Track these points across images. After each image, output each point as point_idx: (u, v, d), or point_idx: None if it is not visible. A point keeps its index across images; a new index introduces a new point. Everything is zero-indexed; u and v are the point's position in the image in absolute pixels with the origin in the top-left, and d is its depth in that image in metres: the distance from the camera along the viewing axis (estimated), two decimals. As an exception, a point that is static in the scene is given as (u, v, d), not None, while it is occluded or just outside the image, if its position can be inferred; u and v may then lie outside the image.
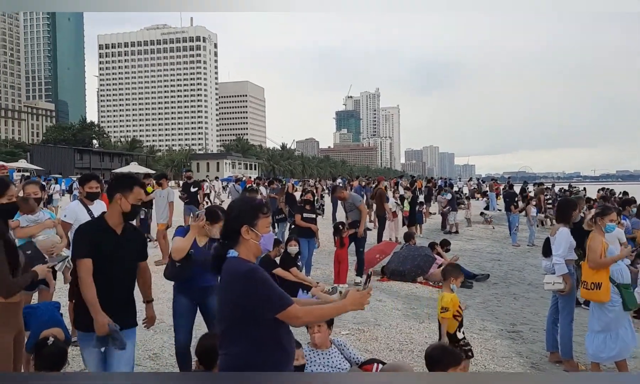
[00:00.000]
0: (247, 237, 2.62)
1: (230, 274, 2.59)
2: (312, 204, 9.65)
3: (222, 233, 2.76)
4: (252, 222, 2.63)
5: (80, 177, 6.38)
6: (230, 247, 2.65)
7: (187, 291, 4.67)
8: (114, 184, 3.62)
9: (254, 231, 2.63)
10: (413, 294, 8.88)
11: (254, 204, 2.72)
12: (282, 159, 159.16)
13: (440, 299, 5.03)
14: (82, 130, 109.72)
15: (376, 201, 14.14)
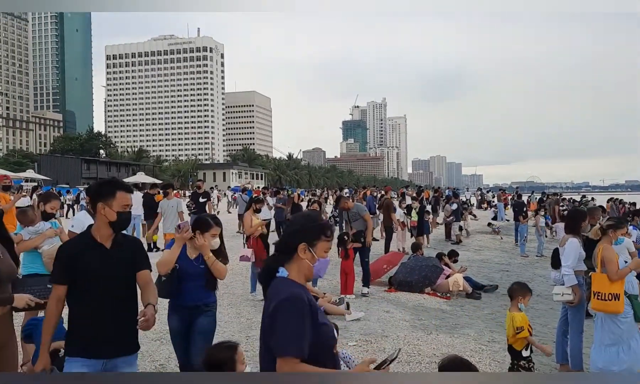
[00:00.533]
0: (302, 257, 2.42)
1: (273, 295, 2.39)
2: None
3: (278, 245, 2.55)
4: (312, 242, 2.42)
5: (87, 188, 6.40)
6: (282, 264, 2.46)
7: (177, 309, 4.30)
8: (94, 193, 3.25)
9: (312, 251, 2.42)
10: (421, 306, 8.82)
11: (320, 223, 2.51)
12: (289, 168, 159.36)
13: (511, 319, 4.97)
14: (89, 140, 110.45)
15: (383, 211, 14.10)
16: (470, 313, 8.64)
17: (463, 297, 9.66)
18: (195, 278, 4.18)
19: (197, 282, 4.20)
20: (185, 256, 4.24)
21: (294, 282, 2.41)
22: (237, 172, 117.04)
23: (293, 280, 2.42)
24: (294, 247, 2.43)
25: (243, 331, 6.79)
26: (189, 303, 4.22)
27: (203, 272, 4.26)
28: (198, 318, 4.24)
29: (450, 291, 9.64)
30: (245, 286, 9.38)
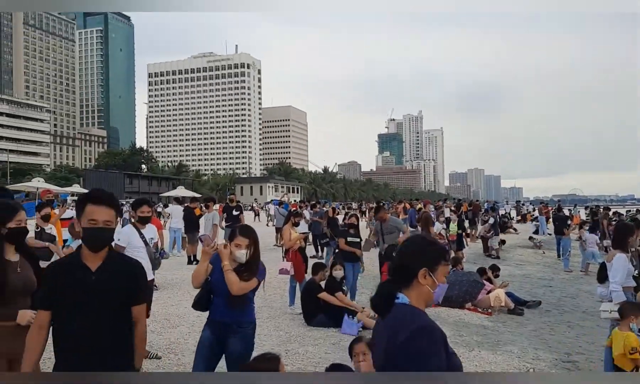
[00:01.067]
0: (422, 283, 2.30)
1: (400, 323, 2.23)
2: (356, 228, 9.60)
3: (392, 271, 2.38)
4: (432, 267, 2.31)
5: (133, 202, 6.59)
6: (400, 289, 2.33)
7: (210, 323, 4.06)
8: (76, 208, 2.88)
9: (432, 277, 2.31)
10: (462, 321, 8.66)
11: (439, 247, 2.42)
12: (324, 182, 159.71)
13: (624, 339, 4.83)
14: (131, 155, 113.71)
15: (422, 224, 13.96)
16: (513, 329, 8.44)
17: (505, 313, 9.44)
18: (227, 293, 3.88)
19: (230, 298, 3.92)
20: (217, 270, 3.97)
21: (420, 310, 2.29)
22: (274, 186, 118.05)
23: (415, 307, 2.30)
24: (413, 272, 2.31)
25: (282, 345, 6.82)
26: (218, 318, 3.99)
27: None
28: (229, 338, 3.94)
29: (492, 306, 9.44)
30: (284, 299, 9.41)
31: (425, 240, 2.45)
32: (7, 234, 3.29)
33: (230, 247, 3.94)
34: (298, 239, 8.84)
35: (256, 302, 9.78)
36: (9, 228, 3.31)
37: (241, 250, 3.92)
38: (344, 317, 7.47)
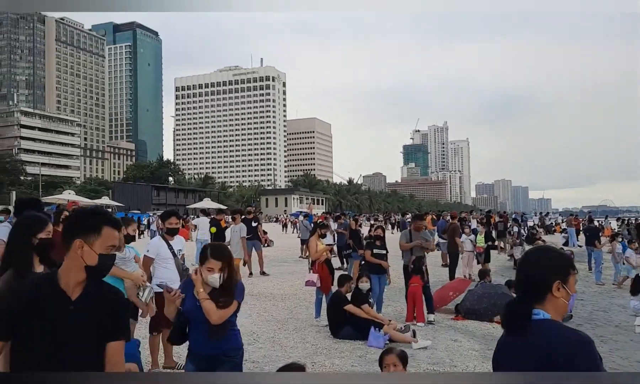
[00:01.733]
0: (557, 296, 2.24)
1: (549, 340, 2.16)
2: (382, 240, 9.55)
3: (523, 286, 2.30)
4: (565, 278, 2.26)
5: (162, 214, 6.70)
6: (533, 305, 2.26)
7: (191, 357, 3.67)
8: (72, 224, 2.42)
9: (566, 288, 2.26)
10: (491, 335, 8.52)
11: (566, 256, 2.35)
12: (349, 193, 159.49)
13: None
14: (159, 168, 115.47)
15: (449, 236, 13.82)
16: None
17: (535, 326, 9.25)
18: (206, 322, 3.50)
19: (209, 327, 3.53)
20: (192, 296, 3.56)
21: (562, 324, 2.24)
22: (299, 198, 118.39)
23: (556, 321, 2.25)
24: (547, 286, 2.24)
25: (308, 357, 6.80)
26: (202, 351, 3.59)
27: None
28: (218, 371, 3.53)
29: (521, 320, 9.26)
30: (310, 311, 9.41)
31: (552, 251, 2.39)
32: (37, 245, 3.34)
33: (202, 271, 3.54)
34: (324, 251, 8.85)
35: (282, 313, 9.83)
36: (40, 239, 3.36)
37: (214, 274, 3.50)
38: (370, 329, 7.42)
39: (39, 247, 3.33)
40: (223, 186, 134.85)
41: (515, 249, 18.10)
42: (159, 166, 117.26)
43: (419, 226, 9.58)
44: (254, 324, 8.52)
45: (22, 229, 3.41)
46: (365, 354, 6.91)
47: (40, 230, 3.39)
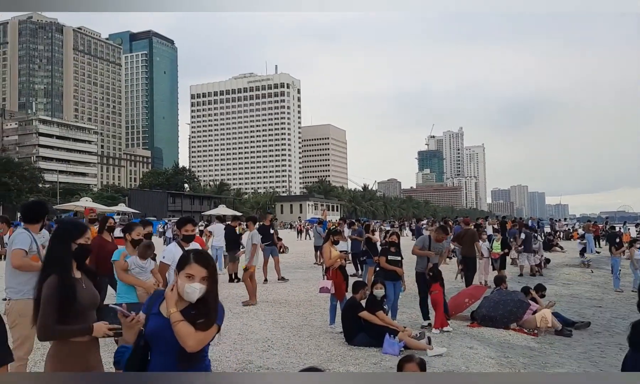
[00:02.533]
0: None
1: None
2: (397, 246, 9.51)
3: None
4: None
5: (178, 221, 6.76)
6: None
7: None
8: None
9: None
10: (507, 342, 8.43)
11: None
12: (364, 200, 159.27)
13: None
14: (174, 175, 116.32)
15: (467, 242, 13.71)
16: (561, 351, 8.16)
17: (552, 334, 9.14)
18: (177, 349, 2.74)
19: (179, 354, 2.76)
20: (156, 316, 2.84)
21: None
22: (313, 204, 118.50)
23: None
24: None
25: (323, 364, 6.79)
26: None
27: None
28: None
29: (538, 327, 9.16)
30: (324, 317, 9.39)
31: None
32: (75, 251, 3.42)
33: (178, 280, 2.80)
34: (338, 257, 8.84)
35: (296, 320, 9.82)
36: (79, 244, 3.44)
37: (193, 283, 2.75)
38: (385, 336, 7.39)
39: (77, 253, 3.43)
40: (238, 192, 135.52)
41: (521, 256, 17.81)
42: (175, 173, 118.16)
43: (441, 238, 9.53)
44: (269, 330, 8.53)
45: (62, 234, 3.47)
46: (380, 362, 6.87)
47: (80, 236, 3.47)
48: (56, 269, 3.28)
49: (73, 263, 3.41)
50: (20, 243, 5.06)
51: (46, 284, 3.24)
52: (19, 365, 4.99)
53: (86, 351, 3.33)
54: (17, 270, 5.02)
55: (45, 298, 3.20)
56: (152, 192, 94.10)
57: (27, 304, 4.95)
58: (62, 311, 3.22)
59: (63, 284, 3.22)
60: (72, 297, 3.24)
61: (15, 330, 5.00)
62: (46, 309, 3.18)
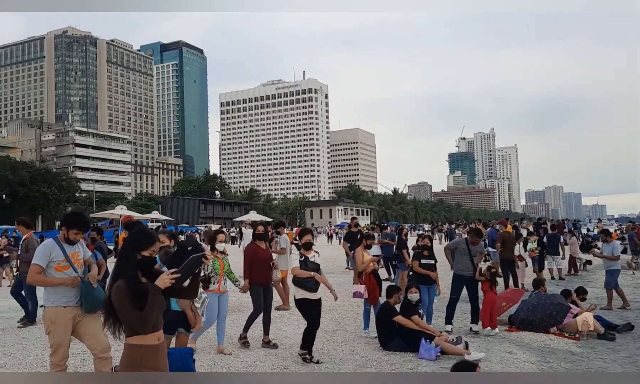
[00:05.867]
0: None
1: None
2: (430, 250, 9.36)
3: None
4: None
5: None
6: None
7: None
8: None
9: None
10: (547, 347, 8.19)
11: None
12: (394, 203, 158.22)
13: None
14: (206, 182, 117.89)
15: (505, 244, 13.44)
16: (605, 355, 7.88)
17: (594, 338, 8.84)
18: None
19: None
20: None
21: None
22: (343, 209, 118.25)
23: None
24: None
25: (358, 369, 6.71)
26: None
27: None
28: None
29: (580, 331, 8.87)
30: (358, 322, 9.30)
31: None
32: (139, 261, 3.52)
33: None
34: (371, 261, 8.74)
35: (330, 325, 9.75)
36: (143, 256, 3.54)
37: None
38: (421, 341, 7.27)
39: (141, 263, 3.54)
40: (268, 198, 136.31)
41: (548, 259, 17.18)
42: (206, 180, 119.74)
43: (476, 241, 9.38)
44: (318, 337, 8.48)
45: (130, 244, 3.61)
46: (416, 367, 6.76)
47: (145, 248, 3.58)
48: (124, 274, 3.45)
49: (138, 272, 3.54)
50: (36, 258, 5.07)
51: (114, 288, 3.42)
52: (57, 372, 5.06)
53: (156, 353, 3.52)
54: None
55: (118, 303, 3.39)
56: (184, 199, 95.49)
57: (57, 311, 5.04)
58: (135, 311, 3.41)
59: (130, 289, 3.39)
60: (142, 300, 3.41)
61: (49, 337, 5.08)
62: (125, 314, 3.38)
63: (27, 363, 6.94)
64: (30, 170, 74.57)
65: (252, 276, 7.61)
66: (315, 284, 6.78)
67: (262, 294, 7.72)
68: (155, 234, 3.84)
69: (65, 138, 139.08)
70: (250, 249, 7.87)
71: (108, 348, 5.18)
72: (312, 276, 6.78)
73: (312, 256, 7.07)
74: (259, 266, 7.68)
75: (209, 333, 8.37)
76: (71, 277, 5.04)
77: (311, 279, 6.76)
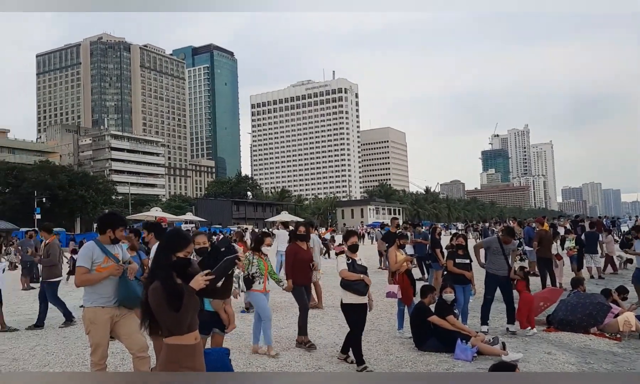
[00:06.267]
0: None
1: None
2: (465, 249, 9.23)
3: None
4: None
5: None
6: None
7: None
8: None
9: None
10: (587, 347, 7.98)
11: None
12: (427, 202, 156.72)
13: None
14: (238, 183, 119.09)
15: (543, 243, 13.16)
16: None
17: (636, 338, 8.57)
18: None
19: None
20: None
21: None
22: (375, 208, 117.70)
23: None
24: None
25: (393, 369, 6.67)
26: None
27: None
28: None
29: (621, 331, 8.61)
30: (392, 322, 9.25)
31: None
32: (174, 262, 3.56)
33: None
34: (405, 261, 8.68)
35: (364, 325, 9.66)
36: (178, 257, 3.58)
37: None
38: (457, 341, 7.17)
39: (176, 264, 3.57)
40: (299, 198, 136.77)
41: (586, 257, 16.65)
42: (238, 182, 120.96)
43: (509, 240, 9.22)
44: (336, 335, 8.48)
45: (165, 245, 3.65)
46: (452, 367, 6.68)
47: (180, 250, 3.61)
48: (159, 275, 3.49)
49: (173, 273, 3.57)
50: (80, 260, 5.27)
51: (150, 289, 3.46)
52: (97, 370, 5.19)
53: (194, 352, 3.55)
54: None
55: (154, 304, 3.44)
56: (217, 200, 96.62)
57: (96, 312, 5.17)
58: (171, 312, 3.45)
59: (166, 290, 3.42)
60: (177, 301, 3.43)
61: (89, 336, 5.21)
62: (162, 315, 3.43)
63: (69, 362, 7.14)
64: (68, 174, 76.62)
65: (294, 277, 7.65)
66: (364, 287, 6.61)
67: (304, 293, 7.78)
68: (189, 236, 3.88)
69: (102, 142, 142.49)
70: (291, 249, 7.91)
71: (146, 348, 5.29)
72: (361, 278, 6.62)
73: (359, 258, 6.91)
74: (300, 267, 7.73)
75: (244, 333, 8.46)
76: (116, 265, 5.22)
77: (360, 282, 6.60)
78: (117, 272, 5.20)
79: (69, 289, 15.56)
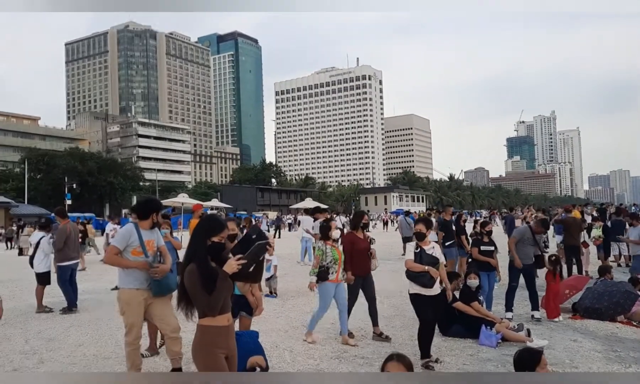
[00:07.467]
0: None
1: None
2: (489, 236, 9.22)
3: None
4: None
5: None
6: None
7: None
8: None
9: None
10: (614, 335, 7.93)
11: None
12: (450, 190, 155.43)
13: None
14: (262, 170, 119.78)
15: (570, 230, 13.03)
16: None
17: (665, 327, 8.47)
18: None
19: None
20: None
21: None
22: (398, 195, 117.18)
23: None
24: None
25: (418, 355, 6.75)
26: None
27: None
28: None
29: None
30: (416, 308, 9.29)
31: None
32: (209, 247, 3.67)
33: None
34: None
35: (388, 311, 9.79)
36: (212, 241, 3.68)
37: None
38: (481, 328, 7.22)
39: (210, 248, 3.68)
40: (323, 185, 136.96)
41: (613, 246, 16.29)
42: (262, 169, 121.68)
43: (541, 231, 9.18)
44: (361, 320, 8.57)
45: (200, 230, 3.76)
46: (477, 353, 6.73)
47: (214, 234, 3.70)
48: (194, 259, 3.60)
49: (208, 257, 3.68)
50: (115, 240, 5.49)
51: (186, 272, 3.59)
52: (131, 350, 5.39)
53: (227, 333, 3.69)
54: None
55: (190, 286, 3.56)
56: (242, 187, 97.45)
57: (131, 293, 5.37)
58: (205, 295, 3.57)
59: (201, 273, 3.55)
60: (211, 284, 3.55)
61: (124, 317, 5.42)
62: (197, 297, 3.56)
63: (102, 342, 7.41)
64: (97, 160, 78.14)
65: (352, 267, 7.34)
66: (429, 279, 6.07)
67: (359, 284, 7.48)
68: (224, 221, 3.99)
69: (129, 129, 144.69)
70: (348, 238, 7.54)
71: (178, 329, 5.48)
72: (426, 270, 6.09)
73: (429, 247, 6.34)
74: (358, 256, 7.39)
75: (269, 317, 8.62)
76: (142, 263, 5.40)
77: (425, 274, 6.09)
78: (143, 270, 5.42)
79: (100, 273, 16.00)
